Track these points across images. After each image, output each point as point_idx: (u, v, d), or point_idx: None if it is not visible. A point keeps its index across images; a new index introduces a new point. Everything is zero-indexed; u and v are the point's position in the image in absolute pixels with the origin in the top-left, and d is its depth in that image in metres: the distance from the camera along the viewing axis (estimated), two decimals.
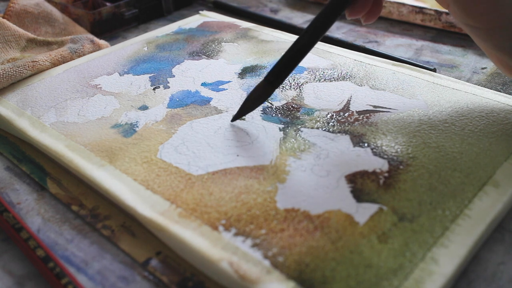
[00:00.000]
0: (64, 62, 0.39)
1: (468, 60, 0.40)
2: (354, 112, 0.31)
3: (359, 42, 0.44)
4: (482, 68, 0.39)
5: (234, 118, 0.30)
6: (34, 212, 0.26)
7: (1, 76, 0.34)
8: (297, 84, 0.34)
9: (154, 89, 0.34)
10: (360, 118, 0.30)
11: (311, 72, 0.36)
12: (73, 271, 0.23)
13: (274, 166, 0.26)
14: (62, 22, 0.45)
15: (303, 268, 0.20)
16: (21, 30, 0.41)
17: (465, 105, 0.31)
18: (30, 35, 0.41)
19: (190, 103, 0.32)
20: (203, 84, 0.35)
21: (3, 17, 0.43)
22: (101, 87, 0.35)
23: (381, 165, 0.26)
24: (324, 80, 0.35)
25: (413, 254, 0.21)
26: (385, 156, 0.26)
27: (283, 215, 0.23)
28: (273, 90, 0.29)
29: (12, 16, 0.43)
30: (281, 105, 0.32)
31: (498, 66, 0.29)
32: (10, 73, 0.35)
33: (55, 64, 0.38)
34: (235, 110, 0.31)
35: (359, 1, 0.28)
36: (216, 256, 0.21)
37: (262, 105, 0.32)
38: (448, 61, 0.40)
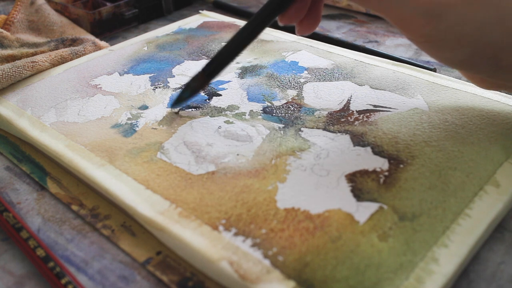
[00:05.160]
0: (63, 63, 0.39)
1: None
2: (354, 112, 0.31)
3: (359, 42, 0.44)
4: None
5: (173, 105, 0.31)
6: (34, 212, 0.26)
7: (1, 76, 0.34)
8: (297, 83, 0.34)
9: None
10: (360, 118, 0.30)
11: (311, 72, 0.36)
12: (73, 271, 0.23)
13: (274, 165, 0.26)
14: (60, 25, 0.45)
15: (303, 268, 0.20)
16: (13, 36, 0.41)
17: (466, 104, 0.31)
18: (24, 40, 0.41)
19: (190, 103, 0.32)
20: None
21: (2, 27, 0.43)
22: (101, 87, 0.35)
23: (381, 164, 0.26)
24: (324, 79, 0.35)
25: (414, 253, 0.21)
26: (386, 155, 0.26)
27: (283, 215, 0.23)
28: (209, 82, 0.31)
29: (12, 26, 0.43)
30: (281, 105, 0.32)
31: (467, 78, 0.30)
32: (9, 73, 0.35)
33: (54, 64, 0.38)
34: (235, 110, 0.31)
35: (291, 9, 0.28)
36: (216, 256, 0.21)
37: (262, 104, 0.32)
38: None
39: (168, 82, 0.35)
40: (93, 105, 0.33)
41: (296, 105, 0.32)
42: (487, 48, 0.24)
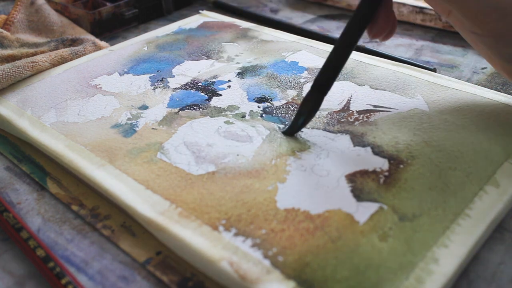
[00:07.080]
0: (63, 63, 0.39)
1: (468, 60, 0.40)
2: (354, 112, 0.31)
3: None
4: (482, 68, 0.39)
5: (288, 134, 0.29)
6: (34, 212, 0.26)
7: (1, 76, 0.34)
8: (297, 83, 0.34)
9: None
10: (360, 118, 0.30)
11: (311, 72, 0.36)
12: (73, 271, 0.23)
13: (274, 165, 0.26)
14: (60, 25, 0.45)
15: (304, 268, 0.20)
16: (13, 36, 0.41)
17: (466, 104, 0.31)
18: (24, 40, 0.41)
19: (190, 103, 0.32)
20: (203, 84, 0.35)
21: (2, 27, 0.43)
22: (101, 87, 0.35)
23: (381, 164, 0.26)
24: None
25: (414, 254, 0.21)
26: (386, 155, 0.26)
27: (283, 215, 0.23)
28: (324, 97, 0.28)
29: (12, 26, 0.43)
30: (282, 105, 0.32)
31: (502, 74, 0.29)
32: (9, 73, 0.35)
33: (54, 64, 0.38)
34: (235, 110, 0.31)
35: (380, 22, 0.27)
36: (216, 256, 0.21)
37: (262, 105, 0.32)
38: (448, 61, 0.40)
39: (168, 82, 0.35)
40: (93, 105, 0.33)
41: (296, 105, 0.32)
42: None
